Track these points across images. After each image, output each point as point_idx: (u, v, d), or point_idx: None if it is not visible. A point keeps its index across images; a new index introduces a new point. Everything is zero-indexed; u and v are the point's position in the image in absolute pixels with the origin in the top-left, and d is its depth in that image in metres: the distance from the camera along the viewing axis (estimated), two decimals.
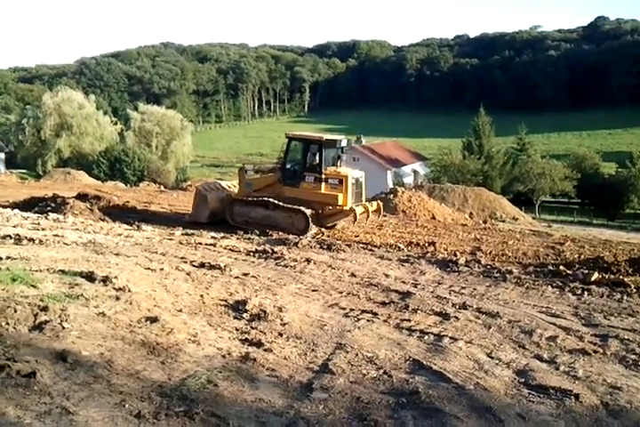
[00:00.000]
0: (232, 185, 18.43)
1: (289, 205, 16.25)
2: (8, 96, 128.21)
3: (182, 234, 14.97)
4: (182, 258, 11.69)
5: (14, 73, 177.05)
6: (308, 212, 16.02)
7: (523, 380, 6.30)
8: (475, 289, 10.07)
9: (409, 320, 8.20)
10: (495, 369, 6.59)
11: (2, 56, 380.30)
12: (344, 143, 17.08)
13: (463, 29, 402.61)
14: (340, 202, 15.99)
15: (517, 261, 12.85)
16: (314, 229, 16.14)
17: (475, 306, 8.92)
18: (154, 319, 7.23)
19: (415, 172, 66.51)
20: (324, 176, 16.15)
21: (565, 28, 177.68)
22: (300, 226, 16.02)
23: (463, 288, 10.11)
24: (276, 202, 16.40)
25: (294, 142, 17.24)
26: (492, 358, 6.96)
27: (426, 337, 7.54)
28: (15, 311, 6.40)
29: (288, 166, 16.98)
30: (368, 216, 16.83)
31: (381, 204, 18.07)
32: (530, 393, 5.98)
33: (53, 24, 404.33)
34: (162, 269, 10.25)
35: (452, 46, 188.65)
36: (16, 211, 16.76)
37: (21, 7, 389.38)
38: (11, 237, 12.60)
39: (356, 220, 16.32)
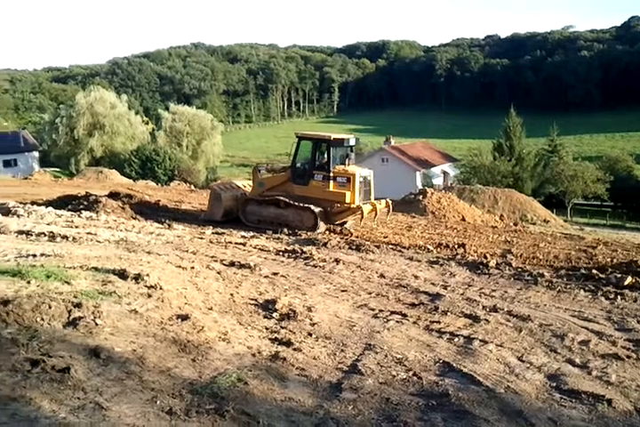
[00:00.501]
0: (247, 184, 18.74)
1: (298, 204, 16.52)
2: (42, 96, 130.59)
3: (213, 233, 15.08)
4: (213, 257, 11.78)
5: (48, 73, 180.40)
6: (317, 210, 16.30)
7: (554, 384, 6.24)
8: (505, 292, 9.98)
9: (439, 322, 8.16)
10: (526, 373, 6.54)
11: (37, 56, 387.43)
12: (352, 142, 17.30)
13: (494, 29, 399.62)
14: (347, 200, 16.21)
15: (549, 264, 12.69)
16: (322, 226, 16.37)
17: (505, 309, 8.84)
18: (185, 317, 7.30)
19: (445, 173, 66.04)
20: (332, 174, 16.38)
21: (598, 29, 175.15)
22: (308, 224, 16.34)
23: (494, 291, 10.02)
24: (287, 200, 16.68)
25: (304, 142, 17.39)
26: (522, 361, 6.89)
27: (456, 339, 7.50)
28: (50, 307, 6.49)
29: (298, 165, 17.29)
30: (376, 214, 17.02)
31: (390, 202, 18.19)
32: (562, 398, 5.91)
33: (87, 25, 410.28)
34: (192, 268, 10.34)
35: (482, 46, 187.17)
36: (50, 209, 17.01)
37: (56, 9, 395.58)
38: (45, 235, 12.82)
39: (362, 218, 16.45)
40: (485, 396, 5.86)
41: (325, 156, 16.60)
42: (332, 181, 16.40)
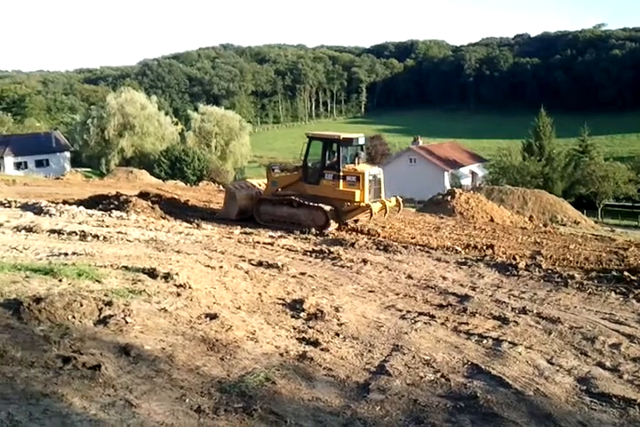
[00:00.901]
0: (261, 183, 18.91)
1: (310, 203, 16.68)
2: (74, 97, 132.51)
3: (241, 233, 15.17)
4: (241, 256, 11.86)
5: (80, 74, 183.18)
6: (327, 208, 16.40)
7: (584, 387, 6.17)
8: (535, 294, 9.88)
9: (467, 324, 8.11)
10: (556, 376, 6.47)
11: (69, 58, 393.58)
12: (361, 141, 17.44)
13: (524, 28, 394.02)
14: (357, 198, 16.30)
15: (579, 265, 12.51)
16: (333, 225, 16.51)
17: (535, 311, 8.76)
18: (213, 316, 7.36)
19: (473, 173, 65.57)
20: (342, 174, 16.50)
21: (631, 27, 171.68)
22: (320, 222, 16.44)
23: (523, 292, 9.93)
24: (299, 200, 16.87)
25: (314, 142, 17.62)
26: (552, 364, 6.83)
27: (484, 341, 7.45)
28: (81, 305, 6.59)
29: (309, 165, 17.50)
30: (386, 212, 17.07)
31: (401, 199, 18.26)
32: (592, 401, 5.84)
33: (118, 27, 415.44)
34: (221, 267, 10.42)
35: (512, 46, 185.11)
36: (81, 208, 17.24)
37: (88, 11, 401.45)
38: (76, 234, 13.01)
39: (372, 216, 16.57)
40: (514, 398, 5.82)
41: (335, 155, 16.77)
42: (341, 180, 16.54)
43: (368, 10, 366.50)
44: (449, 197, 24.33)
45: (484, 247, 13.96)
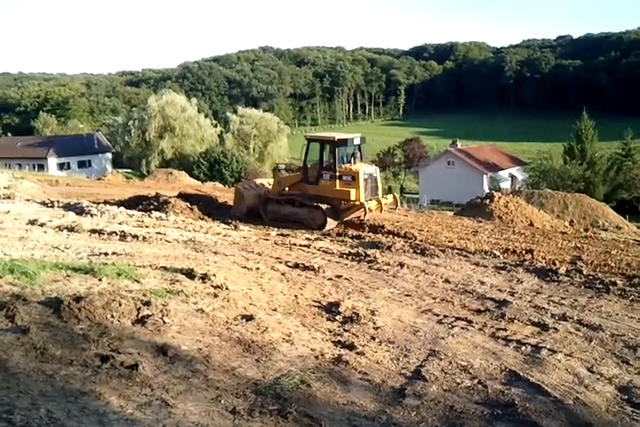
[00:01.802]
0: (269, 183, 19.47)
1: (310, 202, 17.26)
2: (116, 99, 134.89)
3: (278, 235, 15.21)
4: (277, 258, 11.89)
5: (122, 77, 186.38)
6: (325, 207, 16.91)
7: (626, 397, 6.04)
8: (575, 300, 9.68)
9: (505, 330, 7.99)
10: (596, 384, 6.34)
11: (111, 61, 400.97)
12: (357, 141, 17.79)
13: (566, 30, 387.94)
14: (352, 197, 16.75)
15: (621, 272, 12.20)
16: (332, 224, 16.99)
17: (575, 318, 8.58)
18: (249, 317, 7.40)
19: (513, 177, 64.71)
20: (338, 173, 16.95)
21: None
22: (319, 221, 16.99)
23: (563, 299, 9.73)
24: (300, 199, 17.51)
25: (312, 143, 18.08)
26: (592, 372, 6.69)
27: (523, 348, 7.33)
28: (120, 305, 6.69)
29: (309, 166, 17.99)
30: (382, 210, 17.76)
31: (398, 196, 18.86)
32: (633, 411, 5.72)
33: (159, 30, 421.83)
34: (258, 269, 10.47)
35: (554, 47, 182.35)
36: (122, 209, 17.50)
37: (130, 15, 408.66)
38: (116, 234, 13.22)
39: (366, 213, 16.98)
40: (553, 407, 5.72)
41: (332, 155, 17.20)
42: (338, 180, 16.99)
43: (407, 12, 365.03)
44: (487, 201, 23.97)
45: (524, 252, 13.73)
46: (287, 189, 18.26)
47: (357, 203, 16.86)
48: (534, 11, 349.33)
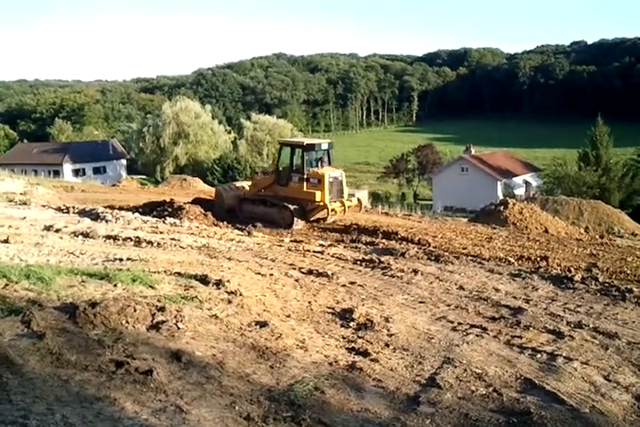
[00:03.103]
0: (247, 186, 20.82)
1: (280, 203, 18.52)
2: (131, 106, 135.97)
3: (291, 241, 15.23)
4: (291, 264, 11.90)
5: (137, 84, 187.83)
6: (292, 208, 18.13)
7: None
8: (591, 307, 9.59)
9: (520, 337, 7.92)
10: (613, 393, 6.27)
11: (126, 68, 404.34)
12: (324, 146, 19.13)
13: (580, 35, 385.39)
14: (317, 198, 18.03)
15: (637, 279, 12.09)
16: (300, 223, 18.23)
17: (591, 325, 8.49)
18: (263, 324, 7.40)
19: (527, 183, 64.37)
20: (306, 176, 18.21)
21: None
22: (287, 220, 18.23)
23: (579, 306, 9.64)
24: (271, 200, 18.86)
25: (284, 147, 19.82)
26: (609, 380, 6.62)
27: (538, 355, 7.26)
28: (135, 311, 6.71)
29: (280, 169, 19.30)
30: (345, 211, 18.81)
31: (363, 199, 20.07)
32: None
33: (173, 37, 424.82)
34: (271, 275, 10.48)
35: (568, 53, 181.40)
36: (136, 215, 17.62)
37: (145, 22, 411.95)
38: (131, 240, 13.30)
39: (328, 214, 18.24)
40: (569, 415, 5.66)
41: (301, 159, 18.35)
42: (305, 182, 18.24)
43: (421, 18, 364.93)
44: (502, 207, 23.85)
45: (538, 259, 13.64)
46: (262, 190, 19.59)
47: (322, 204, 18.10)
48: (548, 17, 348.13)
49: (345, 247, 14.65)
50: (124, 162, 79.88)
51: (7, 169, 45.10)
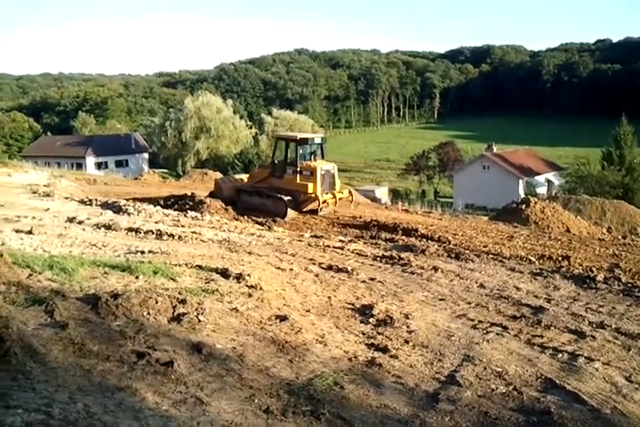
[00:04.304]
0: (245, 178, 21.80)
1: (274, 194, 19.28)
2: (153, 100, 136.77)
3: (311, 236, 15.23)
4: (311, 259, 11.90)
5: (159, 78, 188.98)
6: (286, 199, 18.94)
7: None
8: (613, 308, 9.48)
9: (541, 336, 7.86)
10: (635, 394, 6.21)
11: (149, 62, 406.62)
12: (317, 140, 20.32)
13: (605, 33, 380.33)
14: (309, 190, 18.83)
15: None
16: (292, 213, 18.96)
17: (613, 326, 8.40)
18: (283, 318, 7.42)
19: (549, 182, 63.78)
20: (299, 168, 19.04)
21: None
22: (281, 211, 18.96)
23: (601, 306, 9.54)
24: (266, 191, 19.66)
25: (279, 141, 20.80)
26: (631, 381, 6.55)
27: (559, 355, 7.20)
28: (156, 302, 6.77)
29: (276, 162, 20.22)
30: (336, 202, 19.66)
31: (354, 191, 21.55)
32: None
33: (196, 32, 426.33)
34: (291, 270, 10.51)
35: (592, 51, 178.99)
36: (158, 208, 17.74)
37: (168, 17, 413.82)
38: (152, 233, 13.39)
39: (319, 205, 19.03)
40: (590, 416, 5.62)
41: (295, 152, 19.20)
42: (299, 175, 19.05)
43: (443, 15, 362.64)
44: (523, 206, 23.65)
45: (560, 258, 13.51)
46: (259, 182, 20.41)
47: (313, 195, 18.85)
48: (572, 14, 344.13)
49: (365, 243, 14.62)
50: (146, 156, 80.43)
51: (31, 161, 45.64)
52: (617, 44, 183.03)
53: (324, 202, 19.10)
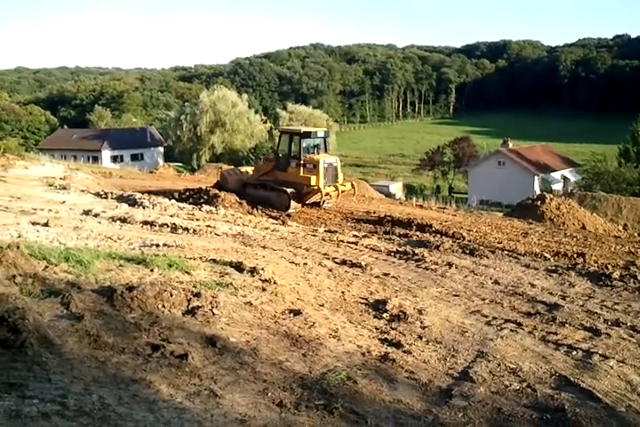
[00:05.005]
0: (250, 171, 22.14)
1: (278, 187, 19.61)
2: (169, 94, 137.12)
3: (325, 231, 15.23)
4: (325, 254, 11.91)
5: (175, 72, 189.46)
6: (289, 191, 19.23)
7: None
8: (629, 306, 9.39)
9: (556, 333, 7.81)
10: None
11: (165, 56, 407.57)
12: (320, 134, 20.71)
13: (624, 29, 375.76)
14: (312, 183, 19.06)
15: None
16: (295, 205, 19.29)
17: (629, 323, 8.34)
18: (297, 312, 7.43)
19: (565, 178, 63.31)
20: (302, 162, 19.32)
21: None
22: (284, 203, 19.24)
23: (616, 304, 9.46)
24: (270, 184, 20.04)
25: (283, 135, 21.08)
26: None
27: (574, 352, 7.16)
28: (171, 295, 6.80)
29: (280, 155, 20.44)
30: (339, 195, 20.07)
31: (356, 184, 21.42)
32: None
33: (212, 26, 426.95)
34: (305, 264, 10.52)
35: (610, 47, 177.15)
36: (173, 201, 17.82)
37: (185, 11, 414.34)
38: (167, 226, 13.46)
39: (322, 197, 19.31)
40: (604, 413, 5.58)
41: (298, 146, 19.44)
42: (302, 168, 19.33)
43: (460, 9, 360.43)
44: (539, 202, 23.49)
45: (575, 255, 13.40)
46: (264, 175, 20.77)
47: (316, 188, 19.08)
48: (590, 9, 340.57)
49: (379, 239, 14.60)
50: (161, 149, 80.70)
51: (47, 154, 45.95)
52: (635, 39, 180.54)
53: (327, 194, 19.42)
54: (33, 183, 21.28)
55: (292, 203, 19.18)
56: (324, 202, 19.85)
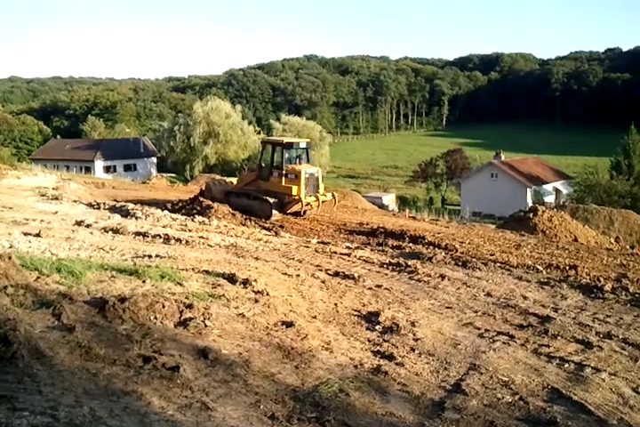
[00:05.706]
0: (234, 181, 22.64)
1: (260, 196, 19.99)
2: (162, 104, 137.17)
3: (318, 242, 15.23)
4: (317, 266, 11.90)
5: (169, 82, 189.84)
6: (272, 201, 19.60)
7: None
8: (621, 318, 9.43)
9: (548, 346, 7.82)
10: None
11: (158, 67, 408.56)
12: (302, 145, 21.00)
13: (615, 42, 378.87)
14: (294, 193, 19.49)
15: None
16: (277, 215, 19.62)
17: (620, 336, 8.36)
18: (289, 324, 7.42)
19: (557, 190, 63.58)
20: (284, 172, 19.69)
21: None
22: (267, 212, 19.58)
23: (608, 316, 9.49)
24: (253, 193, 20.46)
25: (267, 145, 21.54)
26: (638, 392, 6.52)
27: (566, 365, 7.17)
28: (163, 307, 6.78)
29: (262, 165, 20.95)
30: (319, 205, 20.34)
31: (337, 195, 21.79)
32: None
33: (205, 37, 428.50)
34: (298, 276, 10.50)
35: (602, 60, 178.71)
36: (165, 212, 17.79)
37: (178, 22, 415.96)
38: (160, 237, 13.43)
39: (302, 207, 19.63)
40: (596, 426, 5.57)
41: (280, 156, 19.86)
42: (284, 177, 19.69)
43: (453, 22, 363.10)
44: (531, 215, 23.57)
45: (567, 268, 13.44)
46: (247, 185, 21.21)
47: (297, 198, 19.45)
48: (582, 22, 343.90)
49: (372, 250, 14.60)
50: (154, 160, 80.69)
51: (40, 164, 45.90)
52: (627, 52, 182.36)
53: (308, 204, 19.79)
54: (25, 193, 21.22)
55: (274, 212, 19.54)
56: (304, 212, 20.10)
